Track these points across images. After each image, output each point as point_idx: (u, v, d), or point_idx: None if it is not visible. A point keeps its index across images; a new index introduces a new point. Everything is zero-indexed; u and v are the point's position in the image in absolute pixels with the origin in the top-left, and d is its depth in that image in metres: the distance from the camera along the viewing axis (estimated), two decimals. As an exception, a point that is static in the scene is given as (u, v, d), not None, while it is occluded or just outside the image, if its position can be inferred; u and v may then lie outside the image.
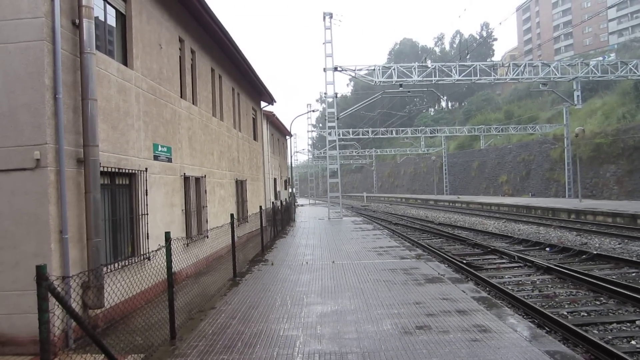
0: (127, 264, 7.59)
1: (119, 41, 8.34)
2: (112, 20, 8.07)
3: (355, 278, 9.33)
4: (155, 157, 9.25)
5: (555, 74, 25.28)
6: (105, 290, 6.34)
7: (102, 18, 7.66)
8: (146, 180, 8.59)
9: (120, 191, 7.94)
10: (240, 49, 15.14)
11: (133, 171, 8.18)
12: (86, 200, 6.39)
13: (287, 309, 7.12)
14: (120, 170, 7.69)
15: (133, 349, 5.61)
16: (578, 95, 28.05)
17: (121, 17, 8.36)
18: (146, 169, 8.64)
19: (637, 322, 7.17)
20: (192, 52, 12.39)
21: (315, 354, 5.13)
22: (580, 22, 72.12)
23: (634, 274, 10.59)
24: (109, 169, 7.23)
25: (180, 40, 11.42)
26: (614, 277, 10.23)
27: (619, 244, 15.17)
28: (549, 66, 25.52)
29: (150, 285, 7.64)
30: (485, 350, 5.01)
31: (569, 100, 32.66)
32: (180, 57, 11.40)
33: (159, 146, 9.46)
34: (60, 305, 3.60)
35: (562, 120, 40.12)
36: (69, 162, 6.18)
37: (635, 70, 25.18)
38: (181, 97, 11.22)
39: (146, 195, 8.54)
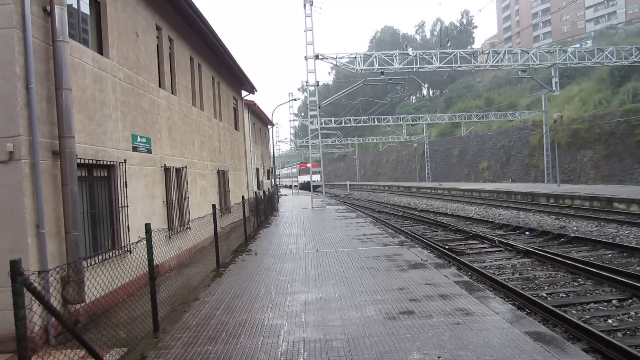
0: (107, 257, 7.48)
1: (93, 29, 8.12)
2: (85, 8, 7.83)
3: (339, 266, 9.36)
4: (134, 148, 9.09)
5: (534, 61, 25.53)
6: (85, 285, 6.24)
7: (75, 5, 7.43)
8: (125, 171, 8.44)
9: (98, 183, 7.79)
10: (220, 37, 14.91)
11: (111, 163, 8.03)
12: (63, 193, 6.25)
13: (271, 298, 7.11)
14: (98, 162, 7.53)
15: (116, 343, 5.55)
16: (556, 82, 28.45)
17: (95, 5, 8.13)
18: (125, 160, 8.49)
19: (613, 302, 7.36)
20: (170, 40, 12.16)
21: (300, 341, 5.14)
22: (558, 9, 72.95)
23: (609, 256, 10.86)
24: (86, 161, 7.08)
25: (158, 29, 11.18)
26: (591, 258, 10.48)
27: (596, 226, 15.52)
28: (528, 53, 25.76)
29: (132, 278, 7.54)
30: (468, 333, 5.08)
31: (547, 87, 33.10)
32: (157, 45, 11.16)
33: (138, 137, 9.30)
34: (37, 301, 3.51)
35: (540, 107, 40.68)
36: (44, 154, 6.02)
37: (612, 57, 25.59)
38: (160, 86, 11.01)
39: (126, 187, 8.39)
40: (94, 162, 7.36)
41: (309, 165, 32.76)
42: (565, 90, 43.82)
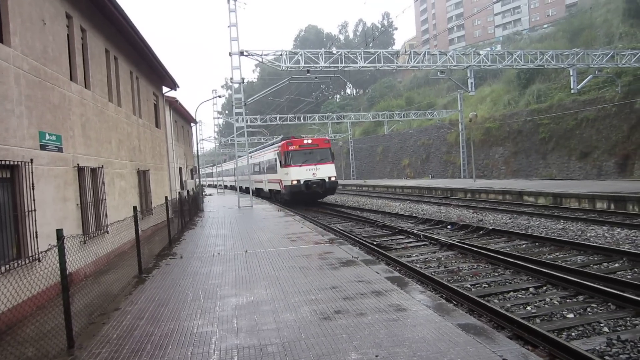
0: (12, 267, 6.72)
1: (-10, 14, 7.25)
2: (-20, -11, 6.98)
3: (269, 266, 9.15)
4: (43, 147, 8.27)
5: (452, 62, 26.83)
6: (-15, 300, 5.53)
7: (-33, -15, 6.58)
8: (32, 172, 7.64)
9: (0, 186, 6.97)
10: (138, 29, 14.05)
11: (15, 163, 7.23)
12: (-44, 197, 5.50)
13: (200, 304, 6.76)
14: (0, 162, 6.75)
15: (23, 364, 4.96)
16: (472, 83, 30.11)
17: (-8, -14, 7.26)
18: (31, 160, 7.68)
19: (530, 290, 7.85)
20: (83, 30, 11.23)
21: (233, 349, 4.89)
22: (471, 15, 77.49)
23: (524, 246, 11.62)
24: (-16, 161, 6.30)
25: (68, 17, 10.28)
26: (508, 249, 11.15)
27: (510, 218, 16.60)
28: (446, 55, 27.01)
29: (42, 289, 6.83)
30: (403, 329, 5.12)
31: (463, 87, 34.96)
32: (68, 35, 10.26)
33: (47, 134, 8.47)
34: None
35: (457, 106, 42.97)
36: None
37: (520, 60, 27.54)
38: (71, 80, 10.13)
39: (32, 189, 7.60)
40: (-6, 162, 6.58)
41: (308, 141, 17.55)
42: (478, 91, 46.58)
